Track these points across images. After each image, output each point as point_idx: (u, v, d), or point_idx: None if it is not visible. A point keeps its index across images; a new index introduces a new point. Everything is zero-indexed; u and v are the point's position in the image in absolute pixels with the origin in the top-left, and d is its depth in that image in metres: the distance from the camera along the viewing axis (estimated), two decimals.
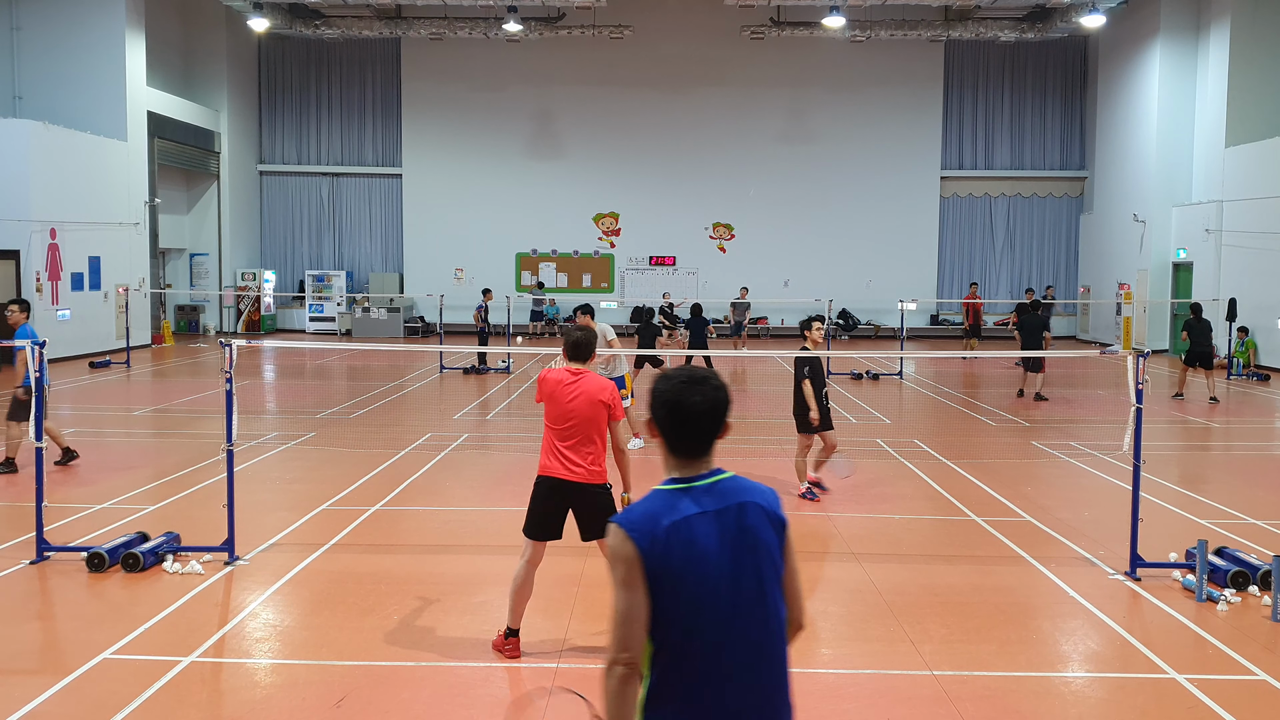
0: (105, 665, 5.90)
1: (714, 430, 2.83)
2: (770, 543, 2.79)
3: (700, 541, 2.73)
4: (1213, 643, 6.40)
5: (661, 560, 2.70)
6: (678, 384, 2.83)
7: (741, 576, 2.74)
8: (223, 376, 7.70)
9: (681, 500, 2.77)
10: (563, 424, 6.04)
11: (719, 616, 2.72)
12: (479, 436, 13.94)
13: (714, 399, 2.82)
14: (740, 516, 2.78)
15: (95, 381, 19.47)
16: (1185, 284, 25.87)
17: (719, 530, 2.75)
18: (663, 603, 2.71)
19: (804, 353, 10.40)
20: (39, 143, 22.30)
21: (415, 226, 32.94)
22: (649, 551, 2.70)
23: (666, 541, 2.71)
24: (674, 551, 2.71)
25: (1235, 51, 24.48)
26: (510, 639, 6.07)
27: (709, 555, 2.72)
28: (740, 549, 2.75)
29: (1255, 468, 12.52)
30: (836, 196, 32.31)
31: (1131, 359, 7.60)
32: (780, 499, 2.89)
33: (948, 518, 9.54)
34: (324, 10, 30.05)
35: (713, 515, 2.76)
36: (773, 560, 2.79)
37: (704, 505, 2.77)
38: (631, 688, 2.74)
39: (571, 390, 6.04)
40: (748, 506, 2.80)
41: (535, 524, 6.12)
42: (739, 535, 2.76)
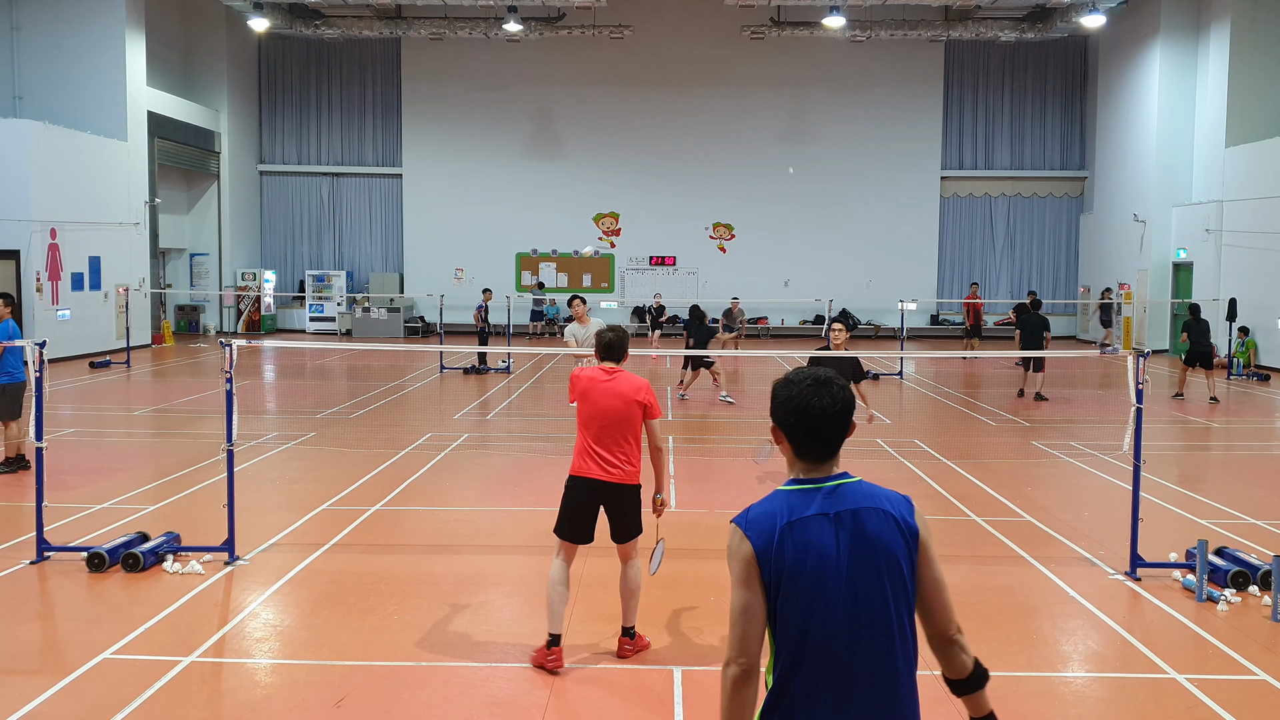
0: (105, 665, 5.90)
1: (842, 431, 2.78)
2: (897, 552, 2.69)
3: (818, 544, 2.66)
4: (1213, 643, 6.40)
5: (778, 561, 2.65)
6: (804, 388, 2.77)
7: (861, 585, 2.66)
8: (223, 376, 7.70)
9: (802, 501, 2.72)
10: (598, 424, 5.94)
11: (836, 624, 2.64)
12: (479, 436, 13.94)
13: (842, 399, 2.77)
14: (863, 522, 2.69)
15: (95, 381, 19.48)
16: (1185, 284, 25.87)
17: (838, 534, 2.68)
18: (780, 605, 2.66)
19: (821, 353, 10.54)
20: (39, 143, 22.30)
21: (415, 226, 32.94)
22: (765, 550, 2.66)
23: (783, 542, 2.66)
24: (791, 552, 2.65)
25: (1235, 51, 24.48)
26: (553, 648, 5.83)
27: (827, 559, 2.65)
28: (861, 556, 2.67)
29: (1255, 468, 12.52)
30: (836, 196, 32.32)
31: (1131, 359, 7.60)
32: (914, 507, 2.78)
33: (948, 518, 9.54)
34: (324, 10, 30.05)
35: (833, 518, 2.69)
36: (899, 571, 2.69)
37: (825, 508, 2.70)
38: (748, 689, 2.67)
39: (606, 389, 5.96)
40: (873, 513, 2.71)
41: (567, 524, 5.97)
42: (860, 542, 2.68)
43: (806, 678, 2.65)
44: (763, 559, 2.66)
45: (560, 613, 5.88)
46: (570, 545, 5.99)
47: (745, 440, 13.64)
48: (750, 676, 2.66)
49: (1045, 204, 32.76)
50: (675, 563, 7.79)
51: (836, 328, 10.63)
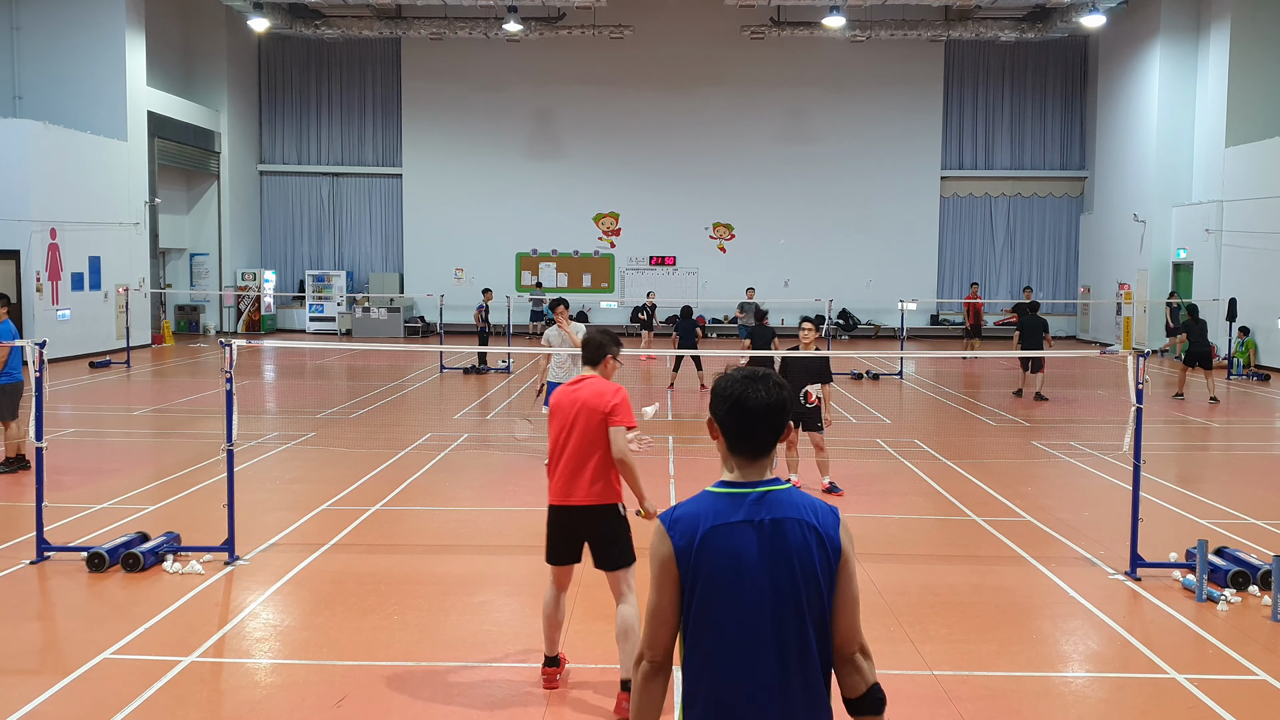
0: (105, 665, 5.90)
1: (776, 430, 2.75)
2: (815, 564, 2.67)
3: (738, 550, 2.65)
4: (1213, 643, 6.40)
5: (696, 564, 2.65)
6: (738, 382, 2.75)
7: (776, 594, 2.64)
8: (223, 376, 7.70)
9: (729, 504, 2.70)
10: (564, 437, 5.43)
11: (750, 630, 2.64)
12: (479, 436, 13.94)
13: (777, 398, 2.74)
14: (785, 532, 2.67)
15: (95, 381, 19.48)
16: (1185, 284, 25.87)
17: (760, 542, 2.66)
18: (696, 607, 2.67)
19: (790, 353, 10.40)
20: (39, 143, 22.30)
21: (415, 226, 32.94)
22: (683, 551, 2.66)
23: (703, 546, 2.65)
24: (710, 556, 2.65)
25: (1235, 51, 24.48)
26: (547, 668, 5.71)
27: (745, 566, 2.65)
28: (779, 565, 2.65)
29: (1255, 468, 12.52)
30: (836, 197, 32.31)
31: (1131, 359, 7.60)
32: (841, 521, 2.75)
33: (948, 518, 9.54)
34: (324, 10, 30.05)
35: (756, 525, 2.67)
36: (815, 583, 2.67)
37: (750, 514, 2.68)
38: (657, 684, 2.72)
39: (572, 398, 5.46)
40: (797, 524, 2.69)
41: (552, 551, 5.61)
42: (779, 551, 2.66)
43: (719, 680, 2.66)
44: (681, 561, 2.66)
45: (553, 637, 5.67)
46: (560, 570, 5.61)
47: None
48: (659, 672, 2.71)
49: (1045, 204, 32.76)
50: None
51: (805, 327, 10.35)
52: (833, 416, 10.60)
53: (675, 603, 2.68)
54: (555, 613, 5.64)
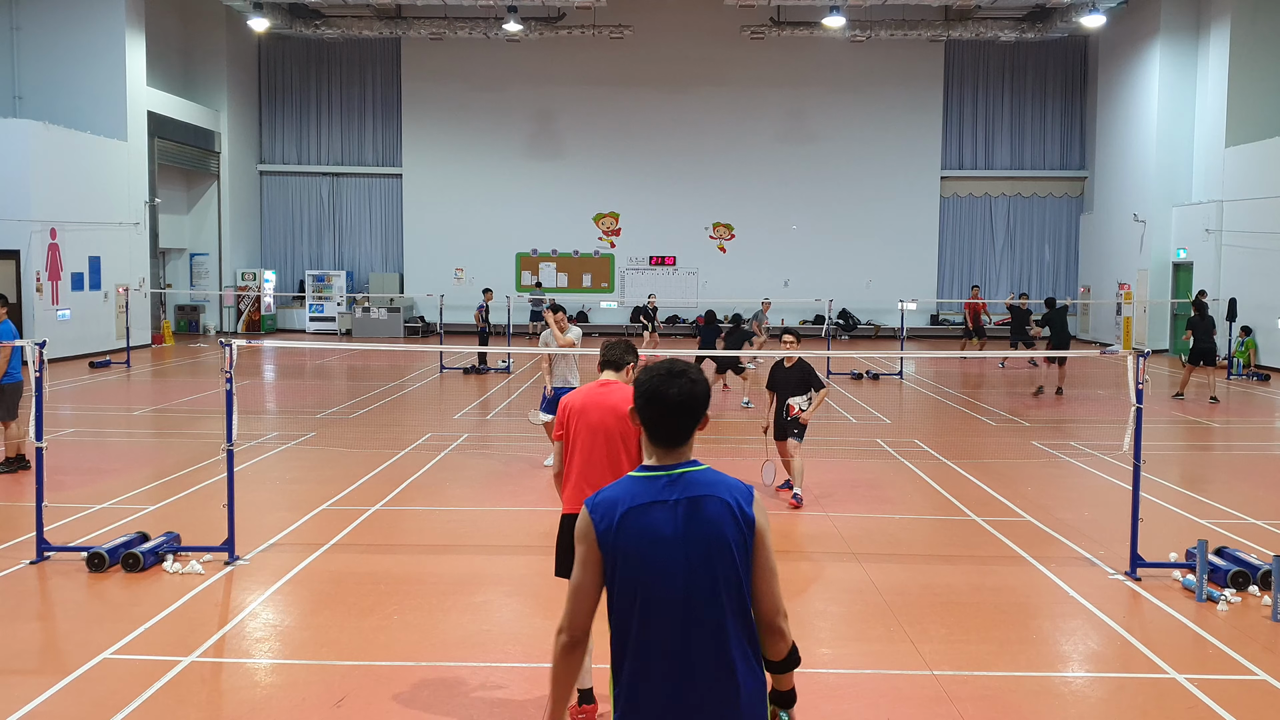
0: (105, 665, 5.90)
1: (690, 421, 2.91)
2: (730, 538, 2.80)
3: (654, 529, 2.80)
4: (1213, 643, 6.40)
5: (615, 543, 2.80)
6: (657, 376, 2.92)
7: (693, 568, 2.78)
8: (223, 376, 7.70)
9: (645, 487, 2.86)
10: (588, 444, 5.24)
11: (669, 605, 2.78)
12: (479, 436, 13.94)
13: (690, 391, 2.90)
14: (700, 508, 2.82)
15: (95, 381, 19.48)
16: (1185, 284, 25.86)
17: (675, 520, 2.81)
18: (618, 585, 2.82)
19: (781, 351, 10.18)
20: (39, 143, 22.30)
21: (415, 226, 32.94)
22: (604, 533, 2.81)
23: (621, 526, 2.80)
24: (628, 537, 2.80)
25: (1235, 51, 24.48)
26: (584, 706, 5.20)
27: (661, 543, 2.79)
28: (694, 541, 2.79)
29: (1255, 468, 12.52)
30: (836, 196, 32.31)
31: (1131, 359, 7.60)
32: (754, 497, 2.89)
33: (948, 518, 9.54)
34: (324, 10, 30.05)
35: (672, 505, 2.82)
36: (730, 556, 2.80)
37: (665, 495, 2.84)
38: (574, 657, 2.88)
39: (598, 403, 5.26)
40: (712, 500, 2.83)
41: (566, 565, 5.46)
42: (694, 527, 2.80)
43: (642, 655, 2.81)
44: (602, 541, 2.82)
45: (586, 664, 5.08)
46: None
47: (748, 441, 13.64)
48: (576, 647, 2.88)
49: (1045, 204, 32.76)
50: None
51: (787, 340, 10.06)
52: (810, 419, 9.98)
53: (597, 580, 2.85)
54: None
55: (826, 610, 7.09)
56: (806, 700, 5.54)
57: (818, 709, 5.44)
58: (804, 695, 5.61)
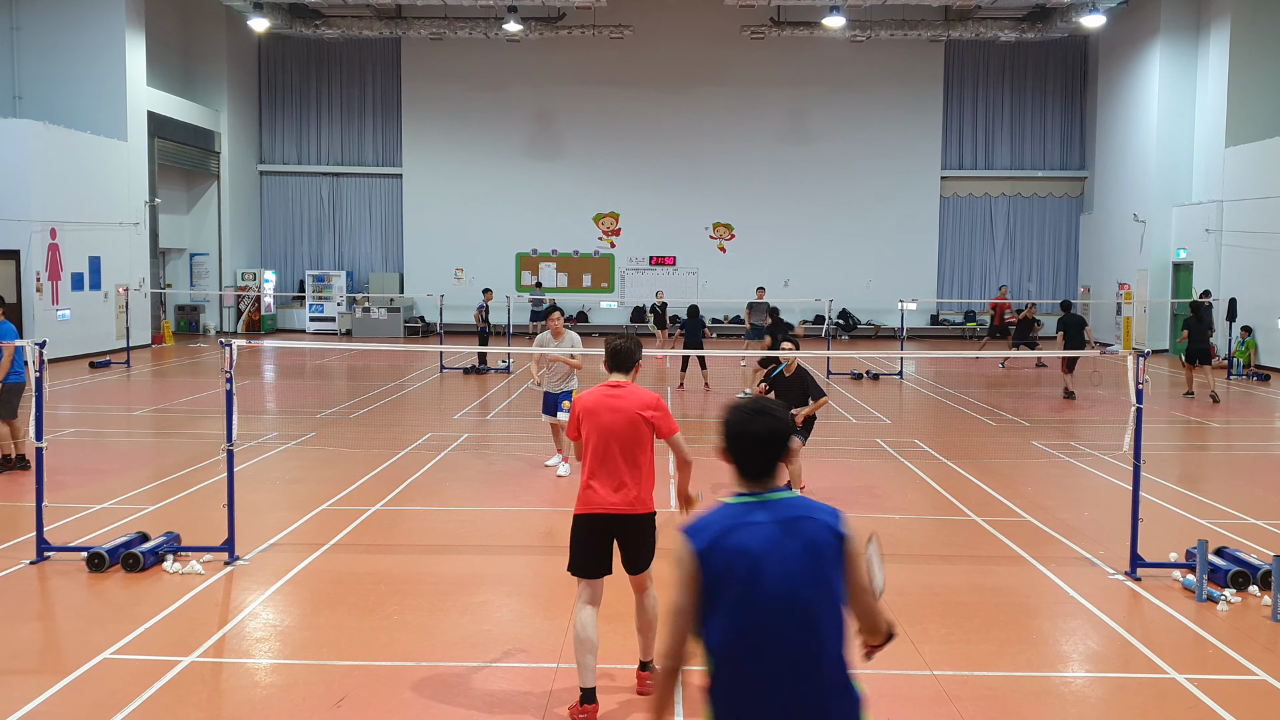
0: (105, 665, 5.90)
1: (776, 455, 3.06)
2: (829, 558, 2.94)
3: (754, 548, 2.92)
4: (1213, 643, 6.40)
5: (716, 563, 2.92)
6: (744, 415, 3.08)
7: (791, 585, 2.89)
8: (223, 376, 7.70)
9: (743, 511, 3.00)
10: (602, 446, 5.31)
11: (769, 622, 2.88)
12: (479, 436, 13.94)
13: (775, 429, 3.06)
14: (795, 528, 2.96)
15: (95, 381, 19.48)
16: (1185, 284, 25.87)
17: (771, 539, 2.93)
18: (718, 603, 2.91)
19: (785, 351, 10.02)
20: (39, 143, 22.30)
21: (415, 226, 32.94)
22: (705, 555, 2.93)
23: (722, 546, 2.92)
24: (728, 555, 2.91)
25: (1235, 51, 24.48)
26: (586, 705, 5.23)
27: (762, 561, 2.90)
28: (789, 559, 2.91)
29: (1255, 468, 12.52)
30: (836, 196, 32.30)
31: (1131, 359, 7.60)
32: (843, 517, 3.03)
33: (948, 518, 9.54)
34: (324, 10, 30.05)
35: (771, 525, 2.96)
36: (827, 575, 2.93)
37: (760, 516, 2.98)
38: (675, 681, 3.01)
39: (610, 405, 5.35)
40: (807, 520, 2.98)
41: (580, 561, 5.38)
42: (791, 546, 2.93)
43: (740, 669, 2.90)
44: (704, 562, 2.93)
45: (590, 664, 5.26)
46: (593, 584, 5.37)
47: None
48: (678, 671, 3.00)
49: (1045, 204, 32.76)
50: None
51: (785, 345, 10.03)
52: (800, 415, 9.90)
53: (695, 603, 2.95)
54: (593, 637, 5.26)
55: None
56: None
57: None
58: None
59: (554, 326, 11.34)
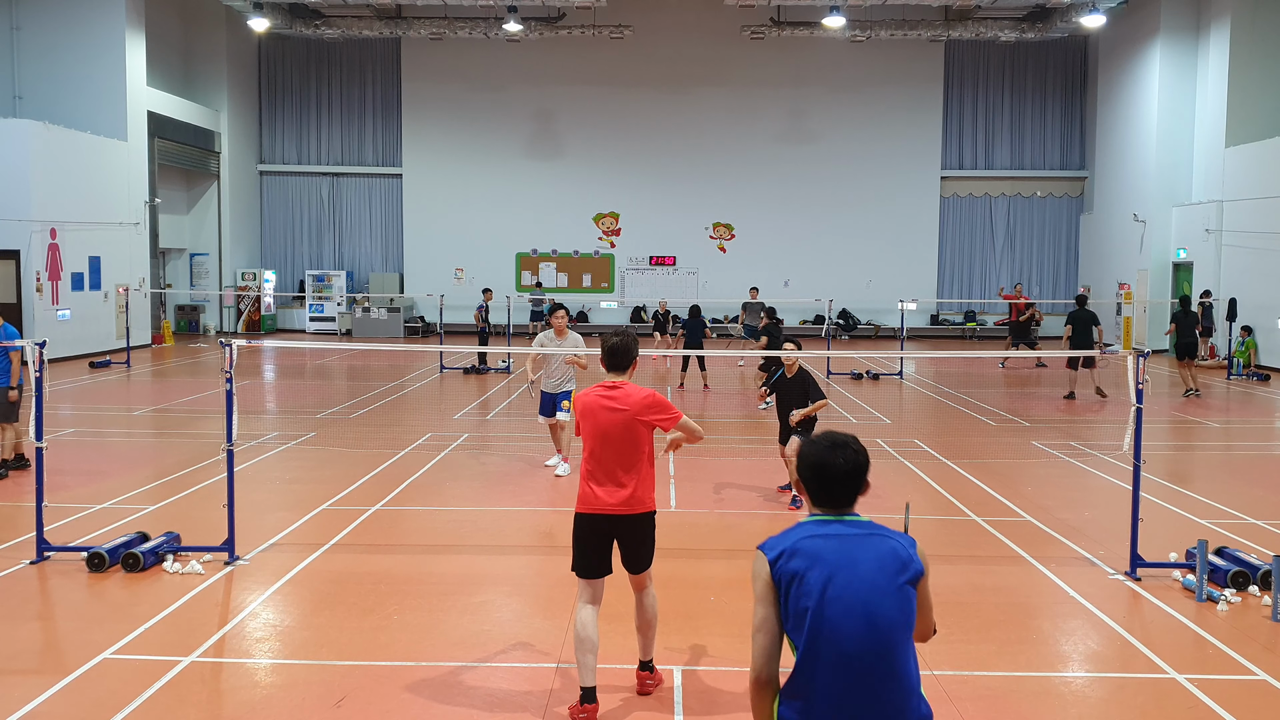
0: (105, 665, 5.90)
1: (856, 487, 3.14)
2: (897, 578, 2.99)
3: (829, 555, 2.99)
4: (1213, 643, 6.40)
5: (789, 570, 2.99)
6: (822, 448, 3.13)
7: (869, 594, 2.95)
8: (223, 376, 7.70)
9: (817, 525, 3.09)
10: (600, 446, 5.32)
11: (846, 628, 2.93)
12: (479, 436, 13.94)
13: (856, 462, 3.12)
14: (873, 543, 3.04)
15: (95, 381, 19.48)
16: (1185, 284, 25.87)
17: (849, 549, 3.01)
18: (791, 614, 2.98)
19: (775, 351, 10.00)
20: (39, 143, 22.30)
21: (415, 226, 32.95)
22: (778, 564, 3.00)
23: (795, 552, 3.00)
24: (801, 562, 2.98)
25: (1235, 51, 24.48)
26: (586, 705, 5.21)
27: (838, 569, 2.97)
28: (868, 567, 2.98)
29: (1255, 468, 12.52)
30: (836, 196, 32.31)
31: (1131, 359, 7.60)
32: (917, 544, 3.11)
33: (948, 518, 9.54)
34: (324, 10, 30.05)
35: (845, 537, 3.05)
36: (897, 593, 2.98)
37: (838, 530, 3.07)
38: (767, 693, 3.03)
39: (607, 404, 5.33)
40: (884, 539, 3.06)
41: (581, 561, 5.39)
42: (869, 556, 3.01)
43: (818, 671, 2.95)
44: (778, 570, 3.00)
45: (590, 663, 5.27)
46: (595, 583, 5.38)
47: (743, 441, 13.64)
48: (767, 685, 3.03)
49: (1045, 204, 32.76)
50: (674, 562, 7.79)
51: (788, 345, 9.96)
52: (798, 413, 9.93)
53: (777, 615, 3.02)
54: (594, 636, 5.27)
55: None
56: None
57: None
58: None
59: (558, 325, 11.23)
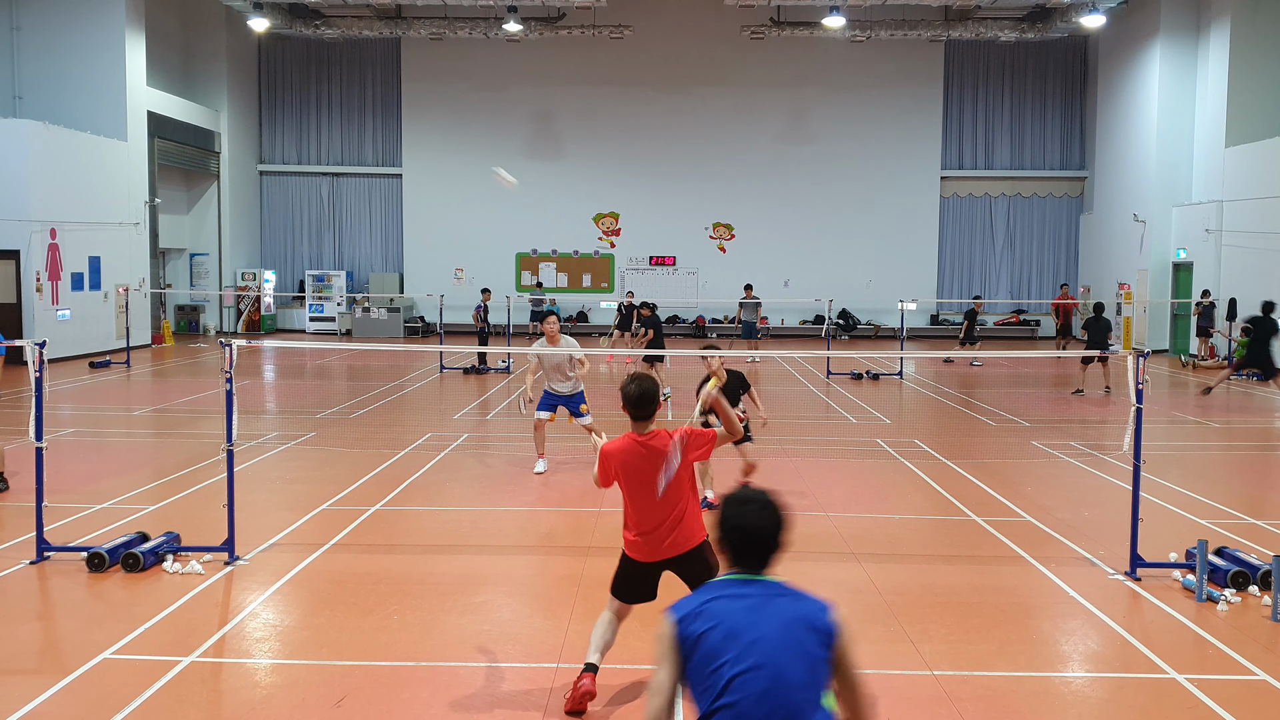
0: (105, 665, 5.90)
1: (775, 549, 3.07)
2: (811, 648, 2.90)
3: (737, 614, 2.91)
4: (1213, 643, 6.40)
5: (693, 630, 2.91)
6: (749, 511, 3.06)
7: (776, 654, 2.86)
8: (223, 376, 7.70)
9: (728, 585, 3.02)
10: (645, 499, 5.23)
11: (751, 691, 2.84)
12: (479, 436, 13.94)
13: (779, 524, 3.06)
14: (784, 605, 2.95)
15: (95, 381, 19.48)
16: (1185, 284, 25.87)
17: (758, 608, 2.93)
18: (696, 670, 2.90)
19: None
20: (39, 143, 22.30)
21: (415, 226, 32.95)
22: (683, 623, 2.93)
23: (702, 611, 2.93)
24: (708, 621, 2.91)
25: (1235, 51, 24.48)
26: (585, 673, 5.35)
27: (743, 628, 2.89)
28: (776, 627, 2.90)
29: (1255, 468, 12.52)
30: (836, 196, 32.32)
31: (1131, 359, 7.60)
32: (832, 612, 3.00)
33: (948, 518, 9.54)
34: (324, 10, 30.05)
35: (756, 597, 2.96)
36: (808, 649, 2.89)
37: (751, 590, 2.99)
38: None
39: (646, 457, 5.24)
40: (799, 600, 2.98)
41: (625, 590, 5.46)
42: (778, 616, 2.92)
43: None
44: (682, 629, 2.93)
45: (599, 648, 5.42)
46: (626, 605, 5.49)
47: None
48: None
49: (1045, 204, 32.76)
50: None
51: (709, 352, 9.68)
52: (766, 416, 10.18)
53: (676, 676, 2.94)
54: (611, 636, 5.47)
55: None
56: None
57: None
58: None
59: (549, 331, 11.13)
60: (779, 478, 10.78)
